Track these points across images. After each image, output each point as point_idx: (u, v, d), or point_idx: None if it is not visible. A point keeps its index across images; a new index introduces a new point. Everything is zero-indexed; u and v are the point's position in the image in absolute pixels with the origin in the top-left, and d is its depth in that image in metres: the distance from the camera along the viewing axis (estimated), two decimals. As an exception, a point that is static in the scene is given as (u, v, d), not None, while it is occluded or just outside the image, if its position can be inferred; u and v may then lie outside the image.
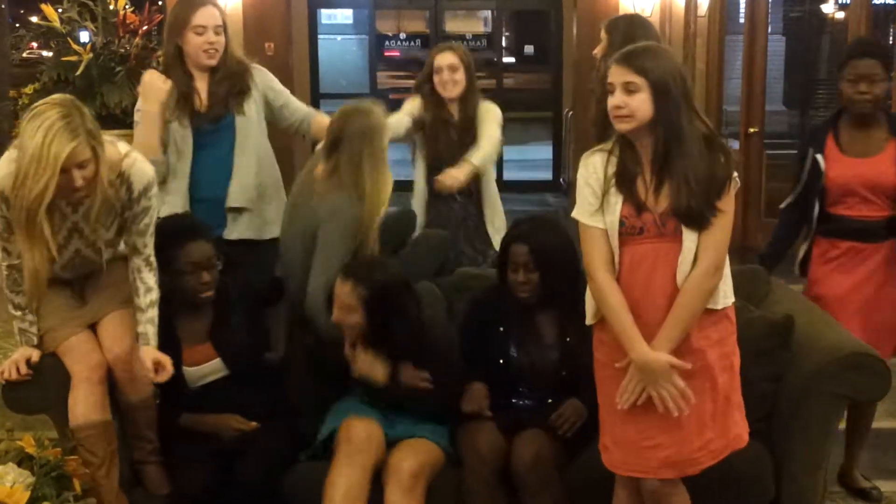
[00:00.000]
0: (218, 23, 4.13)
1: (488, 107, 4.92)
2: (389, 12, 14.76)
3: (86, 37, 5.71)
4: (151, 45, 5.70)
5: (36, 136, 3.04)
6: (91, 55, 5.46)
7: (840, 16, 10.65)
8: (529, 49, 16.27)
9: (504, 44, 14.55)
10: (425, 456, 3.53)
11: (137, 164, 3.36)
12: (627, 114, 2.97)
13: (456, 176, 4.59)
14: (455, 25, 15.31)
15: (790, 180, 4.27)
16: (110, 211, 3.32)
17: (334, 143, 3.85)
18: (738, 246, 8.68)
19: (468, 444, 3.53)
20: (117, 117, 5.47)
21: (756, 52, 8.76)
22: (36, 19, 5.94)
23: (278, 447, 3.55)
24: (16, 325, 3.50)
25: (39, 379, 3.45)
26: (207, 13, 4.12)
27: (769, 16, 9.13)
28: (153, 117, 4.07)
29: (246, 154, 4.22)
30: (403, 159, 5.05)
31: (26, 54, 9.41)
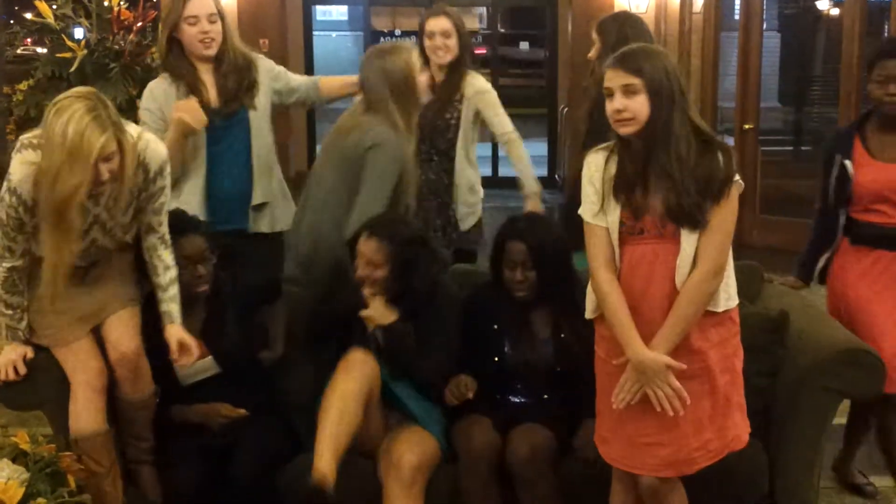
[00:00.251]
0: (211, 11, 4.08)
1: (481, 86, 4.80)
2: (384, 9, 14.78)
3: (80, 33, 5.69)
4: (146, 42, 5.67)
5: (67, 130, 3.02)
6: (85, 52, 5.44)
7: (835, 12, 10.68)
8: (525, 45, 16.29)
9: (499, 40, 14.53)
10: (424, 450, 3.53)
11: (151, 145, 3.35)
12: (630, 117, 2.96)
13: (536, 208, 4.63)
14: (450, 22, 15.32)
15: (785, 176, 4.25)
16: (125, 194, 3.29)
17: (362, 85, 4.04)
18: (734, 243, 8.68)
19: (463, 441, 3.53)
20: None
21: (751, 48, 8.78)
22: (30, 16, 5.92)
23: (272, 444, 3.55)
24: (2, 321, 3.46)
25: (34, 375, 3.44)
26: (199, 2, 4.07)
27: (764, 12, 9.17)
28: (182, 137, 4.04)
29: (263, 149, 4.23)
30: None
31: (21, 51, 9.41)
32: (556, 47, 12.38)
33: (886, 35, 8.99)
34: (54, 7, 5.64)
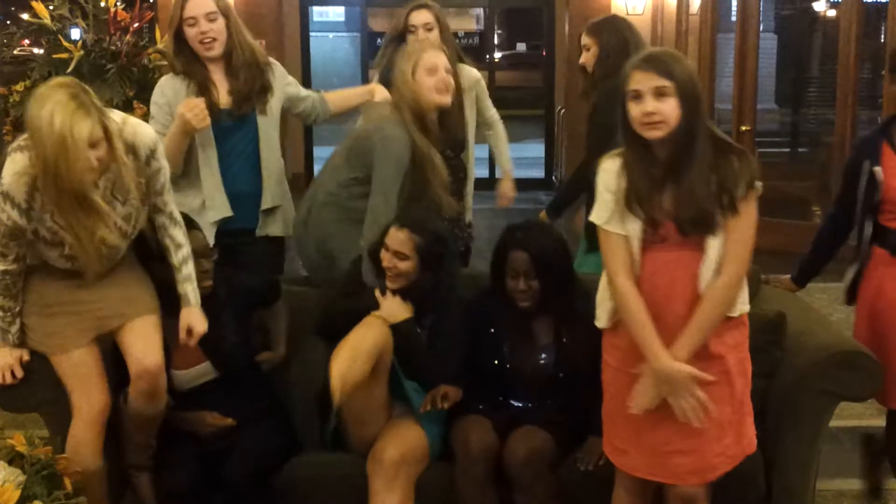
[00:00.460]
0: (208, 10, 4.04)
1: (475, 75, 4.85)
2: (381, 10, 14.76)
3: (77, 34, 5.69)
4: (142, 43, 5.67)
5: (54, 121, 2.97)
6: (82, 52, 5.44)
7: (832, 14, 10.69)
8: (522, 46, 16.31)
9: (496, 41, 14.54)
10: (408, 445, 3.53)
11: (138, 129, 3.31)
12: (660, 119, 2.90)
13: (509, 194, 4.70)
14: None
15: (782, 178, 4.21)
16: (124, 183, 3.24)
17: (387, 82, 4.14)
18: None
19: (461, 441, 3.52)
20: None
21: (747, 50, 8.78)
22: (27, 16, 5.91)
23: (268, 447, 3.54)
24: None
25: (30, 378, 3.42)
26: (196, 3, 4.05)
27: (761, 14, 9.17)
28: (184, 135, 4.02)
29: (273, 154, 4.22)
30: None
31: (17, 52, 9.38)
32: (553, 48, 12.39)
33: (883, 37, 9.00)
34: (51, 8, 5.64)
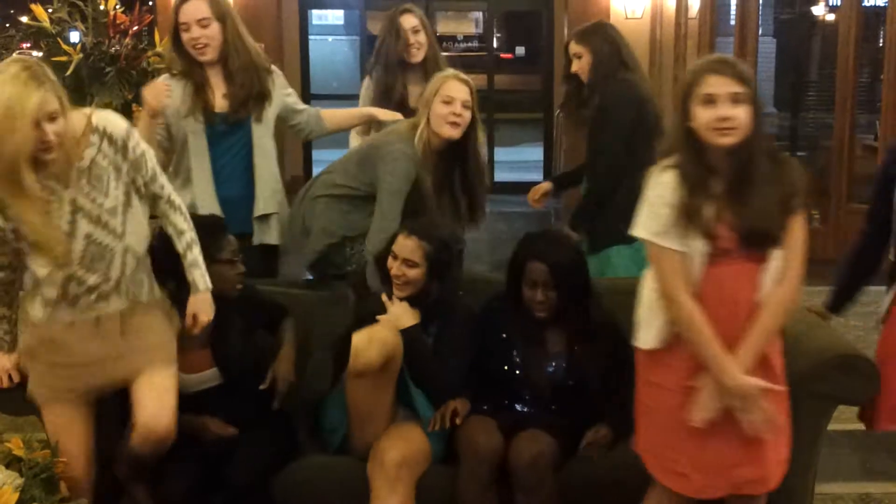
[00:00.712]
0: (201, 16, 4.04)
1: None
2: (380, 14, 14.72)
3: (76, 37, 5.68)
4: (142, 46, 5.67)
5: (3, 90, 2.90)
6: (81, 55, 5.44)
7: (830, 18, 10.69)
8: (520, 50, 16.31)
9: (495, 45, 14.55)
10: (410, 447, 3.53)
11: (108, 116, 3.24)
12: (735, 126, 2.84)
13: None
14: (446, 26, 15.35)
15: None
16: (102, 174, 3.15)
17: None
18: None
19: (468, 442, 3.50)
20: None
21: (746, 53, 8.78)
22: (26, 19, 5.91)
23: (269, 450, 3.54)
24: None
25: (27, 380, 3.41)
26: (189, 8, 4.06)
27: (760, 18, 9.17)
28: (148, 116, 4.04)
29: (266, 161, 4.22)
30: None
31: (16, 54, 9.37)
32: (553, 51, 12.39)
33: (882, 41, 9.01)
34: (50, 11, 5.64)
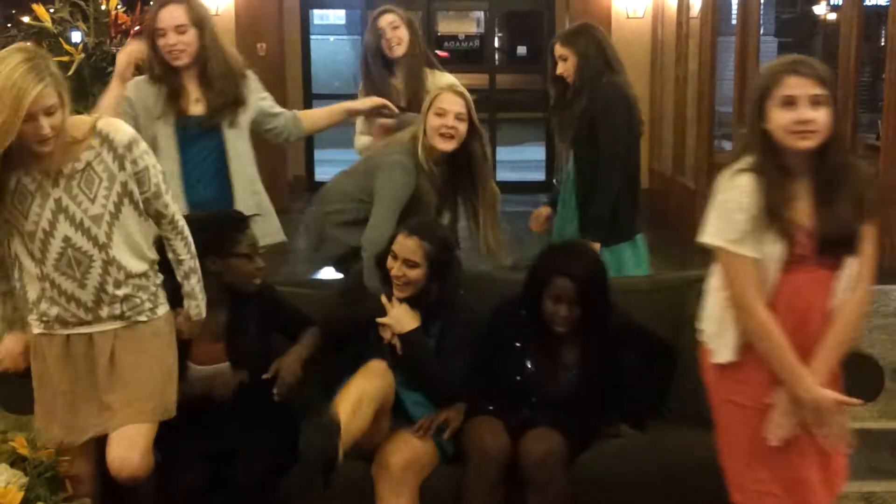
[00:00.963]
0: (178, 22, 4.01)
1: (450, 80, 4.78)
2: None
3: (77, 37, 5.68)
4: (143, 46, 5.67)
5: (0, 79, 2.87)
6: (83, 55, 5.44)
7: (832, 17, 10.69)
8: (522, 50, 16.30)
9: (497, 44, 14.54)
10: (415, 450, 3.53)
11: (113, 122, 3.19)
12: (816, 129, 2.75)
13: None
14: (448, 26, 15.35)
15: None
16: (94, 179, 3.09)
17: None
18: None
19: (476, 442, 3.49)
20: (109, 118, 5.46)
21: (748, 53, 8.78)
22: (28, 19, 5.91)
23: (276, 450, 3.53)
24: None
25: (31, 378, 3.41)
26: (166, 14, 4.02)
27: (761, 17, 9.16)
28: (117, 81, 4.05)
29: (242, 165, 4.19)
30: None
31: (21, 43, 9.36)
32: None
33: (883, 40, 9.01)
34: (52, 11, 5.64)
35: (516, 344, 3.68)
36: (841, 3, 8.39)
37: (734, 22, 9.22)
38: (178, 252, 3.29)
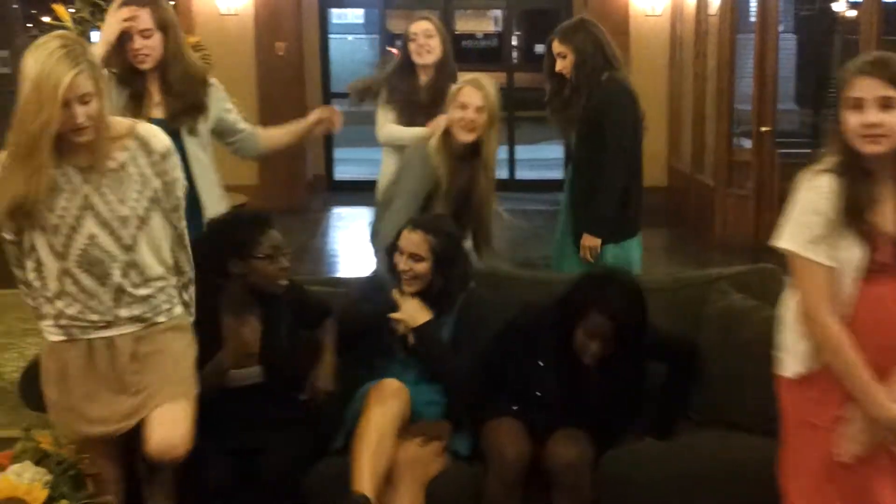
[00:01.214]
0: (143, 27, 3.94)
1: None
2: (400, 12, 14.78)
3: (97, 37, 5.71)
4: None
5: (36, 66, 2.86)
6: (103, 55, 5.47)
7: (852, 14, 10.64)
8: (540, 48, 16.28)
9: (514, 43, 14.53)
10: (423, 446, 3.52)
11: (151, 128, 3.19)
12: (885, 133, 2.63)
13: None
14: (465, 24, 15.34)
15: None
16: (126, 180, 3.07)
17: None
18: (751, 245, 8.68)
19: (495, 449, 3.44)
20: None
21: (767, 50, 8.76)
22: (48, 19, 5.94)
23: (300, 447, 3.54)
24: (27, 301, 3.25)
25: None
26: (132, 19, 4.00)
27: (780, 14, 9.14)
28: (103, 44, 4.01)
29: (204, 171, 4.12)
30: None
31: (59, 31, 9.42)
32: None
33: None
34: (72, 11, 5.66)
35: (539, 363, 3.59)
36: (861, -1, 8.36)
37: (753, 19, 9.19)
38: (181, 264, 3.26)
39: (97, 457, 3.26)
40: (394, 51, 5.30)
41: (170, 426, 3.10)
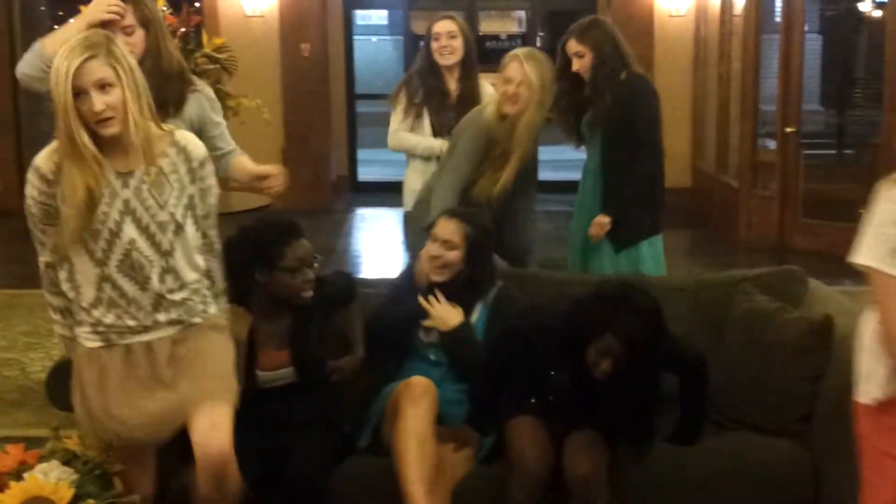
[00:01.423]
0: (125, 24, 3.88)
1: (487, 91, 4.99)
2: (424, 13, 14.79)
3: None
4: (189, 47, 5.72)
5: (56, 58, 2.90)
6: (130, 57, 5.50)
7: (877, 14, 10.58)
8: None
9: (538, 44, 14.51)
10: (448, 450, 3.53)
11: (189, 135, 3.19)
12: None
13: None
14: (490, 25, 15.32)
15: (827, 180, 4.10)
16: (165, 186, 3.06)
17: None
18: (775, 246, 8.65)
19: (517, 454, 3.40)
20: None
21: (792, 50, 8.73)
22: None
23: (328, 447, 3.54)
24: (56, 330, 3.29)
25: None
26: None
27: (805, 14, 9.10)
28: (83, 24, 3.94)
29: None
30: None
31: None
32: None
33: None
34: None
35: (551, 372, 3.52)
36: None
37: (778, 19, 9.16)
38: (213, 273, 3.26)
39: (133, 467, 3.23)
40: None
41: (209, 427, 3.07)
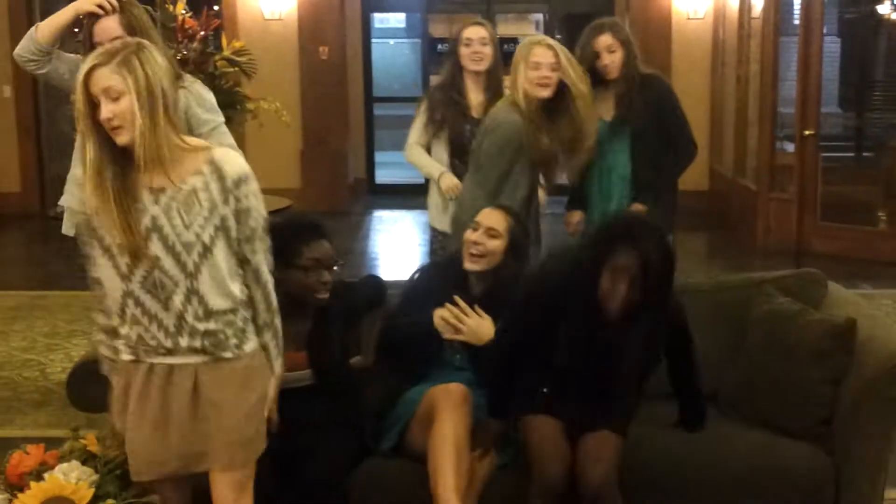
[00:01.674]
0: (114, 35, 3.89)
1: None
2: (442, 16, 14.81)
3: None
4: (209, 50, 5.73)
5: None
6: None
7: (896, 17, 10.55)
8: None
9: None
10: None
11: (229, 153, 3.02)
12: None
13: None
14: (507, 28, 15.32)
15: (846, 183, 4.11)
16: (194, 205, 2.91)
17: None
18: (793, 250, 8.62)
19: (536, 463, 3.34)
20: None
21: (811, 53, 8.71)
22: (96, 25, 6.00)
23: (346, 450, 3.54)
24: (101, 351, 3.13)
25: (103, 377, 3.34)
26: (100, 28, 3.99)
27: (824, 17, 9.07)
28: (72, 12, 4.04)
29: None
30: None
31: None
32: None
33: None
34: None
35: (571, 337, 3.41)
36: (906, 2, 8.30)
37: (796, 22, 9.14)
38: (256, 303, 3.07)
39: (163, 483, 3.13)
40: None
41: (225, 491, 3.01)
